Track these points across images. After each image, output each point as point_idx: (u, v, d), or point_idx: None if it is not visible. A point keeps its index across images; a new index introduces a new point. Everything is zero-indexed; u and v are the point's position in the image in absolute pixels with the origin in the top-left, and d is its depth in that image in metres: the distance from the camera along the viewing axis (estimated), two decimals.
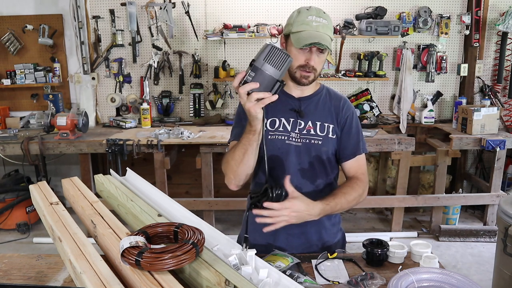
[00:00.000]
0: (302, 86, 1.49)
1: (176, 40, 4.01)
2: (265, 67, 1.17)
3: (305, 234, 1.53)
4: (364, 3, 3.92)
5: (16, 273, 1.30)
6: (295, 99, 1.52)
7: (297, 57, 1.42)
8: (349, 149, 1.52)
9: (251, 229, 1.60)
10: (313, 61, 1.40)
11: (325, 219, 1.54)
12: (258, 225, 1.56)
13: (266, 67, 1.17)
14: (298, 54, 1.41)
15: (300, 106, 1.51)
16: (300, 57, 1.41)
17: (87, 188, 1.50)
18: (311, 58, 1.40)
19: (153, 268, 0.93)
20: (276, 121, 1.50)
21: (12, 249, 3.54)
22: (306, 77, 1.44)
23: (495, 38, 4.02)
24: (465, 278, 1.17)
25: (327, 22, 1.41)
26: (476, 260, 3.32)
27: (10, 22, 3.98)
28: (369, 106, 4.01)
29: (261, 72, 1.17)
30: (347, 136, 1.51)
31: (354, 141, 1.53)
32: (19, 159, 3.51)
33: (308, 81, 1.45)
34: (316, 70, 1.43)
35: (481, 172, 4.24)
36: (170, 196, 1.45)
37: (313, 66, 1.42)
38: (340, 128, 1.52)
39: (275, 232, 1.52)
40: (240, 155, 1.37)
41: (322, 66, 1.47)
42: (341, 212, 1.50)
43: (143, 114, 3.86)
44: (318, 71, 1.45)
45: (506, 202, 2.12)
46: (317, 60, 1.41)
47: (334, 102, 1.54)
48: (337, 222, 1.62)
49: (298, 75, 1.44)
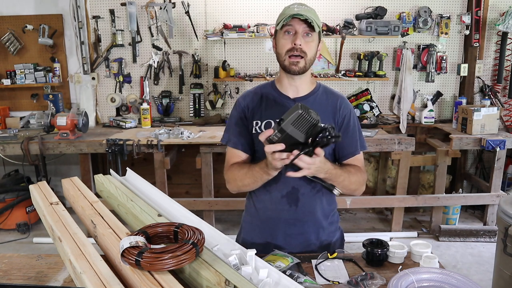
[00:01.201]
0: (296, 82, 1.47)
1: (176, 40, 4.01)
2: (291, 131, 1.17)
3: (303, 234, 1.53)
4: (364, 3, 3.92)
5: (16, 273, 1.30)
6: (290, 99, 1.50)
7: (284, 43, 1.41)
8: (347, 149, 1.52)
9: (249, 228, 1.62)
10: (298, 40, 1.37)
11: (322, 219, 1.54)
12: (256, 224, 1.58)
13: (293, 131, 1.17)
14: (284, 40, 1.40)
15: None
16: (287, 42, 1.40)
17: (87, 188, 1.50)
18: (297, 38, 1.37)
19: (153, 268, 0.93)
20: (271, 123, 1.48)
21: (12, 249, 3.54)
22: (295, 63, 1.41)
23: (495, 38, 4.02)
24: (465, 278, 1.16)
25: (309, 9, 1.40)
26: (476, 260, 3.32)
27: (10, 22, 3.98)
28: (369, 106, 4.01)
29: (287, 135, 1.18)
30: (345, 136, 1.50)
31: (352, 140, 1.52)
32: (19, 159, 3.51)
33: (298, 67, 1.41)
34: (306, 54, 1.40)
35: (481, 172, 4.24)
36: (170, 196, 1.45)
37: (301, 49, 1.38)
38: (338, 128, 1.50)
39: (273, 232, 1.53)
40: (250, 183, 1.45)
41: (313, 53, 1.42)
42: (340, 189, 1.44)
43: (143, 114, 3.86)
44: (308, 57, 1.41)
45: (506, 202, 2.12)
46: (304, 43, 1.39)
47: (331, 101, 1.52)
48: (335, 221, 1.61)
49: (287, 62, 1.42)
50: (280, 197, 1.49)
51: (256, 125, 1.51)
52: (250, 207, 1.60)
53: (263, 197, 1.53)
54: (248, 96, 1.56)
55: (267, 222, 1.54)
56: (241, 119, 1.53)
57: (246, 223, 1.64)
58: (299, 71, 1.43)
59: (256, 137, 1.49)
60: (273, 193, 1.50)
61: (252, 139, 1.52)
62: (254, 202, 1.58)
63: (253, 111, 1.52)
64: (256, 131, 1.50)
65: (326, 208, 1.54)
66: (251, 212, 1.60)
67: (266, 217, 1.54)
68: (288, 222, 1.51)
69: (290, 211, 1.50)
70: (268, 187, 1.50)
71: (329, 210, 1.56)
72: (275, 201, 1.50)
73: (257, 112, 1.51)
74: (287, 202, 1.49)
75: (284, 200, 1.49)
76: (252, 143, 1.53)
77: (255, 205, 1.57)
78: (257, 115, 1.51)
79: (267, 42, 4.01)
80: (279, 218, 1.51)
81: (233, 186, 1.53)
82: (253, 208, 1.58)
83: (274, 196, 1.50)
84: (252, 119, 1.52)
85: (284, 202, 1.49)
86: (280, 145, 1.20)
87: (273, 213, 1.52)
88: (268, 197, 1.51)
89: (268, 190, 1.50)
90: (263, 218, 1.55)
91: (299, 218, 1.50)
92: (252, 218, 1.60)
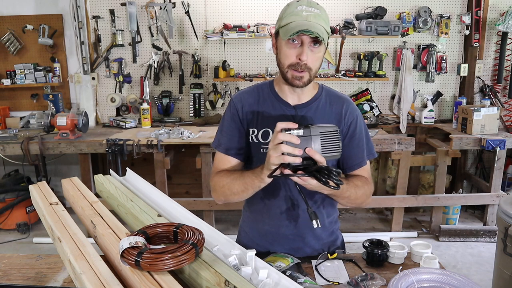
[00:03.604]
0: (298, 89, 1.33)
1: (176, 40, 4.01)
2: (314, 139, 1.09)
3: (303, 248, 1.46)
4: (364, 3, 3.92)
5: (16, 273, 1.30)
6: (290, 106, 1.36)
7: (288, 54, 1.24)
8: (354, 160, 1.40)
9: (247, 238, 1.54)
10: (305, 55, 1.21)
11: (323, 232, 1.46)
12: (254, 228, 1.52)
13: (316, 140, 1.10)
14: (288, 50, 1.24)
15: (296, 115, 1.36)
16: (291, 53, 1.23)
17: (87, 188, 1.50)
18: (303, 53, 1.21)
19: (153, 268, 0.93)
20: (269, 132, 1.35)
21: (12, 249, 3.54)
22: (298, 78, 1.25)
23: (495, 38, 4.02)
24: (465, 279, 1.16)
25: (319, 12, 1.22)
26: (476, 260, 3.32)
27: (10, 22, 3.98)
28: (369, 106, 4.01)
29: (308, 139, 1.09)
30: (351, 145, 1.39)
31: (359, 150, 1.41)
32: (19, 159, 3.51)
33: (301, 82, 1.26)
34: (310, 69, 1.25)
35: (481, 172, 4.24)
36: (170, 196, 1.44)
37: (306, 64, 1.23)
38: (343, 136, 1.37)
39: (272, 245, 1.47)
40: (239, 191, 1.32)
41: (318, 65, 1.27)
42: (345, 204, 1.41)
43: (143, 114, 3.86)
44: (313, 71, 1.26)
45: (506, 202, 2.12)
46: (310, 56, 1.23)
47: (335, 107, 1.38)
48: (336, 229, 1.54)
49: (289, 75, 1.27)
50: (280, 213, 1.41)
51: (253, 133, 1.38)
52: (247, 218, 1.53)
53: (260, 208, 1.45)
54: (243, 97, 1.42)
55: (266, 236, 1.47)
56: (234, 122, 1.40)
57: (244, 232, 1.56)
58: (302, 86, 1.28)
59: (253, 146, 1.39)
60: (272, 209, 1.42)
61: (246, 144, 1.41)
62: (251, 215, 1.50)
63: (249, 116, 1.39)
64: (253, 140, 1.39)
65: (326, 221, 1.47)
66: (248, 222, 1.53)
67: (264, 231, 1.47)
68: (288, 238, 1.44)
69: (289, 227, 1.43)
70: (267, 202, 1.42)
71: (329, 222, 1.49)
72: (274, 217, 1.42)
73: (254, 119, 1.38)
74: (287, 218, 1.42)
75: (283, 216, 1.42)
76: (246, 148, 1.41)
77: (253, 214, 1.49)
78: (254, 122, 1.38)
79: (267, 42, 4.01)
80: (278, 233, 1.44)
81: (219, 195, 1.39)
82: (251, 220, 1.51)
83: (273, 212, 1.42)
84: (248, 126, 1.39)
85: (283, 218, 1.42)
86: (295, 138, 1.09)
87: (272, 228, 1.44)
88: (266, 211, 1.43)
89: (267, 205, 1.42)
90: (261, 231, 1.48)
91: (299, 234, 1.44)
92: (250, 230, 1.53)
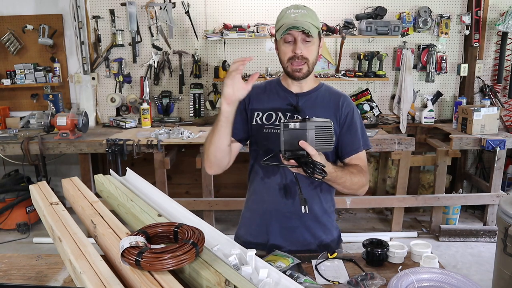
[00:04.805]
0: (300, 81, 1.50)
1: (176, 40, 4.01)
2: (309, 132, 1.15)
3: (299, 228, 1.54)
4: (364, 3, 3.92)
5: (16, 273, 1.30)
6: (293, 94, 1.53)
7: (285, 51, 1.45)
8: (350, 146, 1.52)
9: (247, 223, 1.63)
10: (298, 49, 1.41)
11: (320, 215, 1.55)
12: (253, 218, 1.60)
13: (310, 133, 1.15)
14: (285, 48, 1.45)
15: (298, 102, 1.52)
16: (287, 50, 1.44)
17: (87, 188, 1.50)
18: (297, 47, 1.41)
19: (153, 268, 0.93)
20: (272, 114, 1.52)
21: (12, 249, 3.54)
22: (298, 70, 1.45)
23: (495, 38, 4.02)
24: (465, 278, 1.17)
25: (306, 12, 1.43)
26: (476, 260, 3.32)
27: (10, 22, 3.98)
28: (369, 106, 4.01)
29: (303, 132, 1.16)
30: (348, 133, 1.51)
31: (355, 138, 1.52)
32: (19, 159, 3.51)
33: (301, 73, 1.46)
34: (307, 59, 1.44)
35: (481, 172, 4.24)
36: (170, 196, 1.45)
37: (302, 55, 1.43)
38: (340, 125, 1.52)
39: (270, 224, 1.55)
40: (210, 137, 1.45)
41: (314, 56, 1.46)
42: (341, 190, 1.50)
43: (143, 114, 3.86)
44: (310, 61, 1.45)
45: (506, 202, 2.12)
46: (304, 48, 1.42)
47: (333, 98, 1.54)
48: (333, 220, 1.62)
49: (289, 69, 1.47)
50: (278, 190, 1.52)
51: (257, 116, 1.54)
52: (248, 200, 1.64)
53: (260, 188, 1.56)
54: (252, 88, 1.53)
55: (264, 214, 1.56)
56: (239, 108, 1.50)
57: (244, 218, 1.66)
58: (303, 77, 1.47)
59: (255, 128, 1.53)
60: (270, 185, 1.53)
61: (246, 127, 1.55)
62: (252, 193, 1.61)
63: (254, 101, 1.55)
64: (257, 122, 1.53)
65: (323, 204, 1.56)
66: (248, 206, 1.64)
67: (263, 210, 1.56)
68: (285, 215, 1.53)
69: (287, 204, 1.52)
70: (266, 179, 1.53)
71: (326, 207, 1.57)
72: (273, 193, 1.52)
73: (259, 103, 1.55)
74: (284, 195, 1.51)
75: (281, 193, 1.51)
76: (245, 130, 1.56)
77: (253, 196, 1.60)
78: (259, 106, 1.54)
79: (267, 42, 4.01)
80: (276, 210, 1.53)
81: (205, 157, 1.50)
82: (251, 200, 1.62)
83: (272, 188, 1.52)
84: (252, 110, 1.55)
85: (281, 195, 1.51)
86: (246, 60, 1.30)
87: (270, 205, 1.54)
88: (266, 189, 1.54)
89: (265, 182, 1.54)
90: (260, 211, 1.57)
91: (296, 211, 1.50)
92: (250, 213, 1.63)
